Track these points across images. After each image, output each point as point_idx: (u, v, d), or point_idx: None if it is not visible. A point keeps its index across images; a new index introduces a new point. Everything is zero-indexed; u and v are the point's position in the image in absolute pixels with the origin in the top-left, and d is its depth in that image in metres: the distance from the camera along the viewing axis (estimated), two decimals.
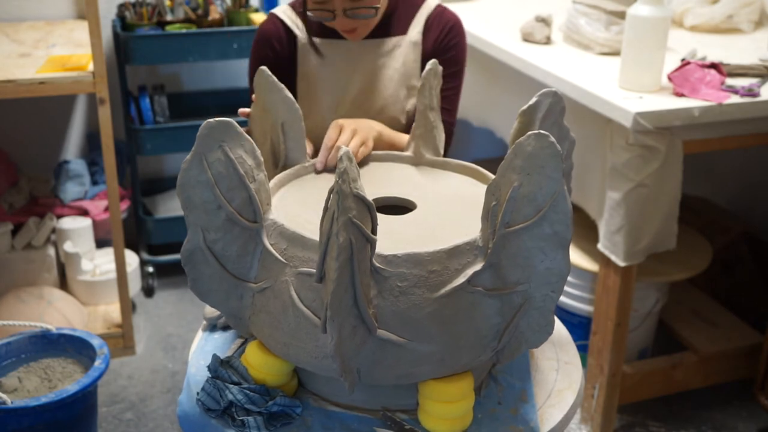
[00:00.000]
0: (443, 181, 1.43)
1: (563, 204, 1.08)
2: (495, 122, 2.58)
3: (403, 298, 1.08)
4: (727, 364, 2.37)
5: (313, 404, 1.22)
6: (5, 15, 2.90)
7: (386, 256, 1.08)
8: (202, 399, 1.20)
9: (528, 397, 1.24)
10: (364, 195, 1.04)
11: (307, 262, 1.11)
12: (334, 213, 1.02)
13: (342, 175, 1.01)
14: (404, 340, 1.08)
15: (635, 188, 1.92)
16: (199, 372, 1.27)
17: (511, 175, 1.09)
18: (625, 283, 2.05)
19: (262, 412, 1.16)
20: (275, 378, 1.20)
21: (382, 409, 1.19)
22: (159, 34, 2.72)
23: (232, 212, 1.16)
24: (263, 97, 1.39)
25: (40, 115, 2.97)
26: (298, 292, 1.11)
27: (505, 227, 1.09)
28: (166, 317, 2.82)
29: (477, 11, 2.83)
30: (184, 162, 1.14)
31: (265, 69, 1.37)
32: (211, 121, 1.14)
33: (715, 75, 2.00)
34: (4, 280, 2.64)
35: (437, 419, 1.15)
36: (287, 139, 1.41)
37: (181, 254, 1.19)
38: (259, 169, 1.20)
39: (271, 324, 1.15)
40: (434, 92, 1.45)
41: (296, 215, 1.24)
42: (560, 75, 2.10)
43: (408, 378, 1.13)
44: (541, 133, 1.06)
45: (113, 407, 2.37)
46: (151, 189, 3.17)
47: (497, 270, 1.12)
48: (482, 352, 1.14)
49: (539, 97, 1.25)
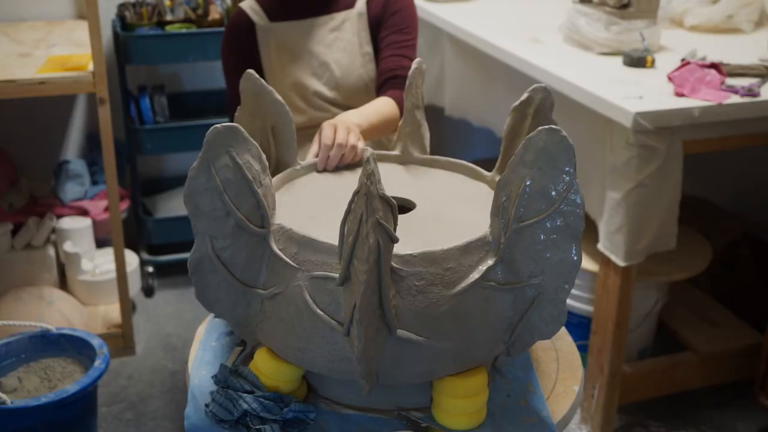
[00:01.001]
0: (434, 178, 1.43)
1: (575, 197, 1.09)
2: (495, 122, 2.57)
3: (421, 297, 1.08)
4: (727, 364, 2.37)
5: (326, 408, 1.21)
6: (5, 15, 2.90)
7: (402, 256, 1.08)
8: (214, 410, 1.18)
9: (535, 387, 1.25)
10: (388, 196, 1.04)
11: (321, 265, 1.10)
12: (363, 215, 1.01)
13: (369, 176, 1.01)
14: (422, 338, 1.09)
15: (635, 188, 1.92)
16: (203, 383, 1.25)
17: (522, 171, 1.09)
18: (625, 283, 2.05)
19: (278, 419, 1.15)
20: (288, 384, 1.19)
21: (396, 408, 1.19)
22: (159, 34, 2.72)
23: (241, 218, 1.14)
24: (251, 101, 1.38)
25: (40, 115, 2.97)
26: (313, 296, 1.10)
27: (518, 222, 1.10)
28: (166, 317, 2.82)
29: (477, 11, 2.83)
30: (191, 170, 1.13)
31: (252, 72, 1.37)
32: (218, 126, 1.12)
33: (715, 75, 2.00)
34: (4, 280, 2.64)
35: (454, 415, 1.15)
36: (277, 143, 1.40)
37: (189, 264, 1.18)
38: (264, 173, 1.19)
39: (284, 330, 1.14)
40: (419, 91, 1.47)
41: (299, 219, 1.23)
42: (560, 75, 2.10)
43: (426, 376, 1.13)
44: (553, 128, 1.07)
45: (113, 407, 2.37)
46: (151, 189, 3.17)
47: (510, 264, 1.13)
48: (495, 346, 1.15)
49: (530, 93, 1.28)
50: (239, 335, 1.26)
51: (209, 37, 2.72)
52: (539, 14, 2.79)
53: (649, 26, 2.26)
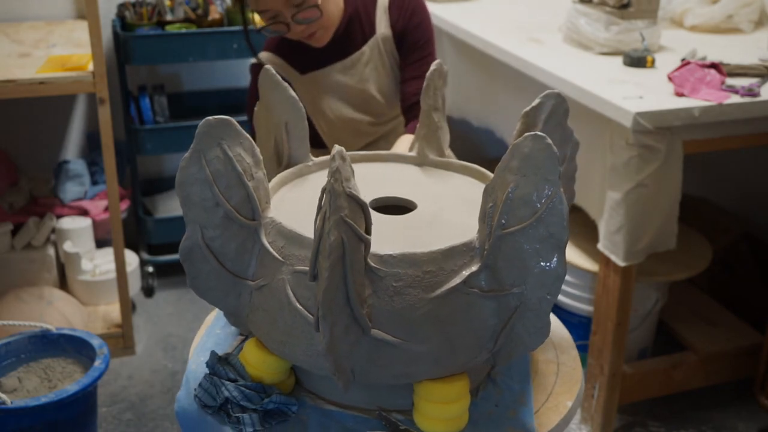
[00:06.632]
0: (445, 181, 1.42)
1: (559, 206, 1.07)
2: (495, 122, 2.58)
3: (398, 298, 1.08)
4: (727, 364, 2.37)
5: (309, 403, 1.22)
6: (5, 15, 2.89)
7: (381, 256, 1.08)
8: (199, 395, 1.20)
9: (526, 399, 1.23)
10: (357, 194, 1.03)
11: (304, 260, 1.11)
12: (326, 212, 1.02)
13: (334, 173, 1.01)
14: (399, 340, 1.08)
15: (635, 188, 1.92)
16: (199, 368, 1.27)
17: (507, 176, 1.08)
18: (625, 283, 2.05)
19: (258, 409, 1.16)
20: (272, 376, 1.20)
21: (377, 408, 1.19)
22: (159, 34, 2.72)
23: (230, 210, 1.16)
24: (267, 95, 1.39)
25: (40, 115, 2.97)
26: (294, 290, 1.11)
27: (501, 229, 1.09)
28: (166, 317, 2.82)
29: (477, 11, 2.83)
30: (183, 160, 1.15)
31: (269, 68, 1.37)
32: (210, 119, 1.14)
33: (715, 75, 2.00)
34: (4, 280, 2.64)
35: (432, 420, 1.14)
36: (290, 138, 1.41)
37: (180, 251, 1.19)
38: (257, 167, 1.20)
39: (268, 321, 1.15)
40: (439, 93, 1.45)
41: (296, 214, 1.24)
42: (560, 75, 2.10)
43: (403, 378, 1.12)
44: (538, 135, 1.06)
45: (113, 407, 2.37)
46: (151, 189, 3.17)
47: (493, 272, 1.11)
48: (478, 354, 1.14)
49: (542, 99, 1.25)
50: (232, 324, 1.27)
51: (209, 37, 2.72)
52: (539, 14, 2.79)
53: (649, 26, 2.26)
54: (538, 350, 1.37)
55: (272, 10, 1.73)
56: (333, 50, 1.90)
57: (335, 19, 1.84)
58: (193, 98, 3.12)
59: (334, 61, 1.91)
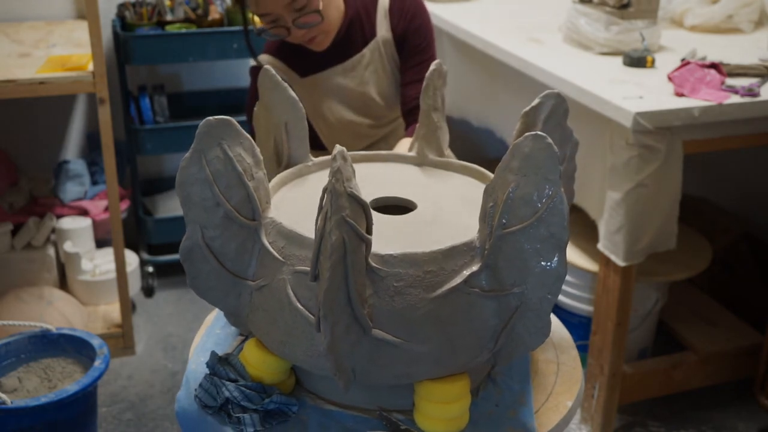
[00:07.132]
0: (445, 181, 1.42)
1: (560, 206, 1.07)
2: (495, 122, 2.58)
3: (399, 298, 1.08)
4: (727, 364, 2.37)
5: (310, 403, 1.22)
6: (5, 15, 2.90)
7: (382, 256, 1.08)
8: (200, 395, 1.20)
9: (526, 399, 1.23)
10: (358, 194, 1.03)
11: (304, 260, 1.11)
12: (327, 212, 1.02)
13: (335, 173, 1.01)
14: (400, 340, 1.08)
15: (635, 188, 1.92)
16: (199, 368, 1.27)
17: (507, 176, 1.08)
18: (625, 283, 2.05)
19: (258, 409, 1.16)
20: (272, 376, 1.20)
21: (378, 408, 1.19)
22: (159, 34, 2.72)
23: (230, 210, 1.16)
24: (267, 95, 1.39)
25: (40, 115, 2.97)
26: (295, 290, 1.11)
27: (501, 228, 1.09)
28: (166, 317, 2.82)
29: (477, 11, 2.83)
30: (183, 160, 1.15)
31: (269, 68, 1.38)
32: (210, 119, 1.14)
33: (715, 75, 2.00)
34: (4, 280, 2.64)
35: (433, 420, 1.15)
36: (290, 138, 1.41)
37: (180, 251, 1.19)
38: (258, 167, 1.20)
39: (268, 322, 1.15)
40: (438, 93, 1.45)
41: (296, 214, 1.24)
42: (560, 75, 2.10)
43: (404, 378, 1.12)
44: (539, 134, 1.06)
45: (113, 407, 2.37)
46: (151, 189, 3.17)
47: (494, 271, 1.11)
48: (479, 354, 1.14)
49: (542, 99, 1.25)
50: (232, 324, 1.27)
51: (209, 37, 2.72)
52: (539, 14, 2.79)
53: (649, 26, 2.26)
54: (538, 350, 1.37)
55: (273, 14, 1.73)
56: (333, 53, 1.90)
57: (336, 23, 1.85)
58: (193, 98, 3.12)
59: (335, 64, 1.91)
